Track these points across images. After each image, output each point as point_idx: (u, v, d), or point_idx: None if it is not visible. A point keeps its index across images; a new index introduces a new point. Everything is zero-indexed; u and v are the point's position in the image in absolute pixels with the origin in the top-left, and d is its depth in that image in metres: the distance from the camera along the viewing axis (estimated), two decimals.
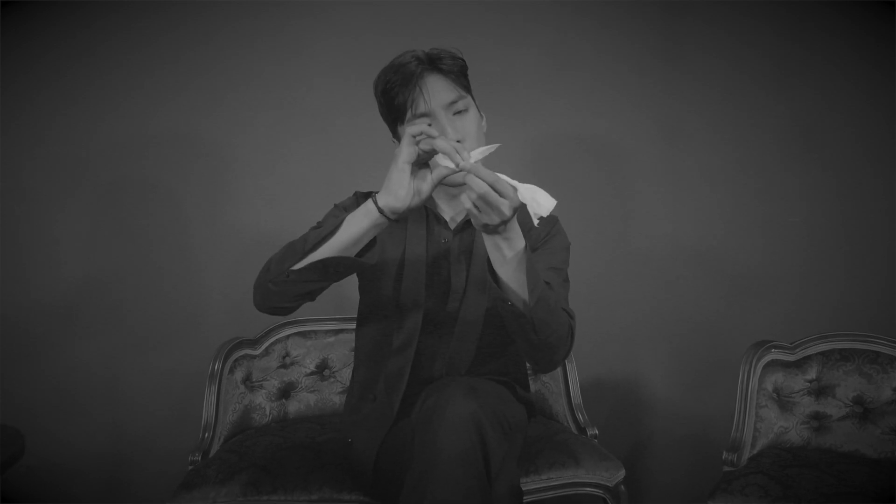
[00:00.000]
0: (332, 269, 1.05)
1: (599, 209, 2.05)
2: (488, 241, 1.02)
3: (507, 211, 0.96)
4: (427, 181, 1.02)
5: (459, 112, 1.16)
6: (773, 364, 1.58)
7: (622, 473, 1.45)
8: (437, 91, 1.13)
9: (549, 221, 1.32)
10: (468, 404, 0.98)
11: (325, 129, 1.89)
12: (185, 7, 1.83)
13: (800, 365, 1.59)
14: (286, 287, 1.07)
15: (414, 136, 0.99)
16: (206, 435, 1.50)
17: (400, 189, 1.00)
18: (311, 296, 1.11)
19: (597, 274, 2.03)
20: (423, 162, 1.02)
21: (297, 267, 1.05)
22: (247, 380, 1.65)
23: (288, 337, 1.73)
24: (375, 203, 1.02)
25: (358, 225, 1.03)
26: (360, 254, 1.06)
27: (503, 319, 1.08)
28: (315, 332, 1.75)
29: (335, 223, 1.06)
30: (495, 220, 0.96)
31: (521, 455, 1.39)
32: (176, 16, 1.83)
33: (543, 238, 1.28)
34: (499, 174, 0.97)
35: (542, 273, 1.18)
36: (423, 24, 1.90)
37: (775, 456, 1.47)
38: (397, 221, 1.04)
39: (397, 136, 1.21)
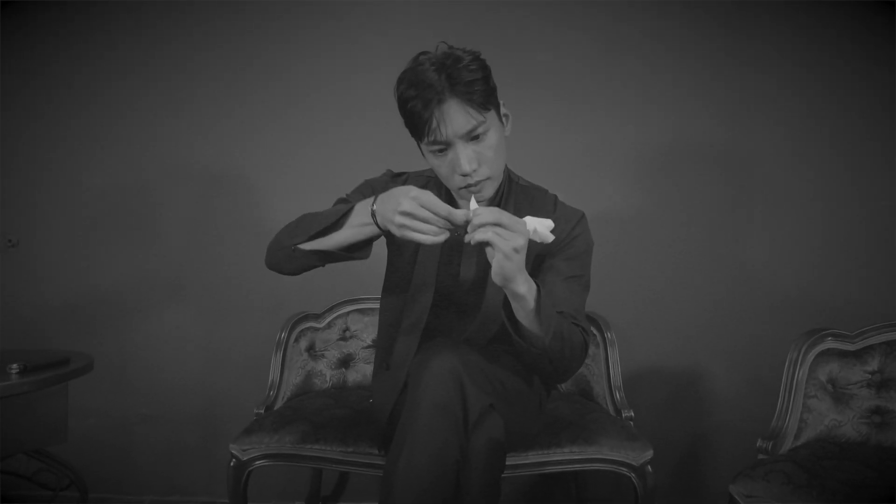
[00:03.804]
0: (330, 258, 1.18)
1: (664, 210, 2.00)
2: (509, 292, 1.05)
3: (524, 230, 1.02)
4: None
5: (477, 136, 1.15)
6: (827, 353, 1.48)
7: (649, 454, 1.44)
8: (455, 121, 1.13)
9: (573, 217, 1.30)
10: (450, 359, 1.06)
11: (380, 126, 2.03)
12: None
13: (859, 355, 1.48)
14: (289, 258, 1.21)
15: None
16: (271, 393, 1.72)
17: (389, 220, 1.07)
18: (314, 268, 1.23)
19: (664, 271, 1.99)
20: None
21: (301, 246, 1.19)
22: (310, 349, 1.85)
23: (348, 313, 1.91)
24: (374, 217, 1.11)
25: (356, 227, 1.14)
26: (361, 246, 1.17)
27: (521, 356, 1.13)
28: (373, 309, 1.90)
29: (343, 209, 1.16)
30: (520, 241, 1.00)
31: (544, 429, 1.44)
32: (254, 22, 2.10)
33: (565, 240, 1.27)
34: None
35: (559, 290, 1.21)
36: (485, 17, 1.99)
37: (819, 448, 1.38)
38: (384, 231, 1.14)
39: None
